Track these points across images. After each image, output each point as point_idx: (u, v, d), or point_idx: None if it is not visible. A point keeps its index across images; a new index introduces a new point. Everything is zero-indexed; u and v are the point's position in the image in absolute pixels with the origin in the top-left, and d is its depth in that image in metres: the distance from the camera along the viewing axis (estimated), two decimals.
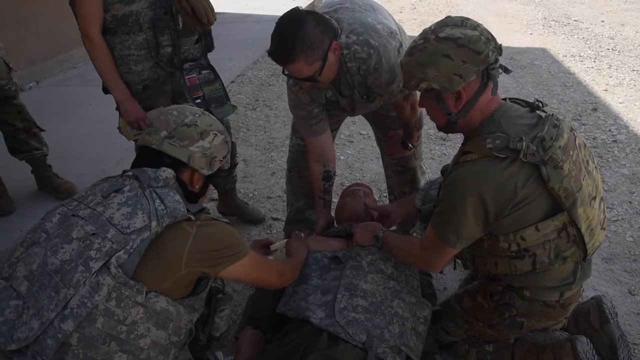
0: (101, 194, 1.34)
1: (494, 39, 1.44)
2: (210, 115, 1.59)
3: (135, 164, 1.46)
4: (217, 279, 1.55)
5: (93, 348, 1.20)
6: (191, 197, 1.47)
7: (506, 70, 1.52)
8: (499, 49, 1.43)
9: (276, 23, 1.72)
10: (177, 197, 1.35)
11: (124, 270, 1.22)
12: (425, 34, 1.46)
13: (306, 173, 2.32)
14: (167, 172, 1.38)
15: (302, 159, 2.32)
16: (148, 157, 1.44)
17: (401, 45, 1.83)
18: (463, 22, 1.43)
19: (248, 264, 1.46)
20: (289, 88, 2.02)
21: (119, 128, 2.24)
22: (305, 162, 2.28)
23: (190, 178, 1.48)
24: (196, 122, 1.48)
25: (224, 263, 1.39)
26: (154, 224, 1.27)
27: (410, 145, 2.21)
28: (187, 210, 1.34)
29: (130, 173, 1.40)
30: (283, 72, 1.79)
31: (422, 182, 2.34)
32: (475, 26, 1.43)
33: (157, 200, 1.31)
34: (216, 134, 1.51)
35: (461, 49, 1.39)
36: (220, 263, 1.39)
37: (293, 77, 1.82)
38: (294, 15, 1.69)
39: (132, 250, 1.24)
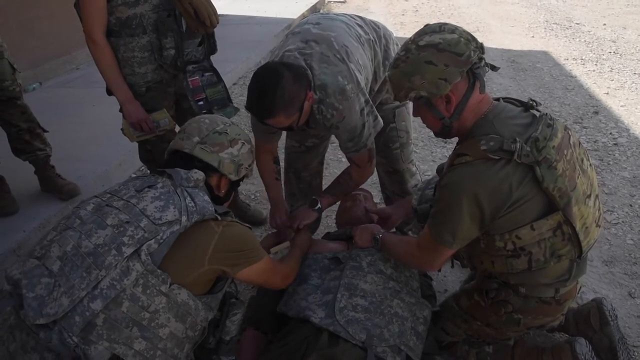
0: (134, 188, 1.41)
1: (474, 39, 1.45)
2: (239, 125, 1.65)
3: (166, 167, 1.51)
4: (232, 283, 1.62)
5: (116, 330, 1.25)
6: (216, 201, 1.53)
7: (493, 68, 1.53)
8: (480, 48, 1.45)
9: (253, 77, 1.71)
10: (206, 197, 1.43)
11: (153, 259, 1.29)
12: (407, 45, 1.48)
13: (304, 173, 2.35)
14: (198, 174, 1.46)
15: (297, 159, 2.34)
16: (180, 161, 1.52)
17: (367, 101, 1.86)
18: (441, 28, 1.45)
19: (263, 268, 1.54)
20: None
21: (122, 129, 2.26)
22: (301, 163, 2.32)
23: (218, 183, 1.57)
24: (226, 130, 1.58)
25: (243, 264, 1.47)
26: (184, 218, 1.34)
27: (319, 205, 2.10)
28: (214, 210, 1.41)
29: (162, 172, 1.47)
30: (260, 121, 1.76)
31: (411, 183, 2.37)
32: (454, 29, 1.45)
33: (188, 198, 1.38)
34: (244, 143, 1.61)
35: (442, 53, 1.41)
36: (240, 264, 1.47)
37: (270, 127, 1.78)
38: (271, 71, 1.68)
39: (162, 241, 1.30)
